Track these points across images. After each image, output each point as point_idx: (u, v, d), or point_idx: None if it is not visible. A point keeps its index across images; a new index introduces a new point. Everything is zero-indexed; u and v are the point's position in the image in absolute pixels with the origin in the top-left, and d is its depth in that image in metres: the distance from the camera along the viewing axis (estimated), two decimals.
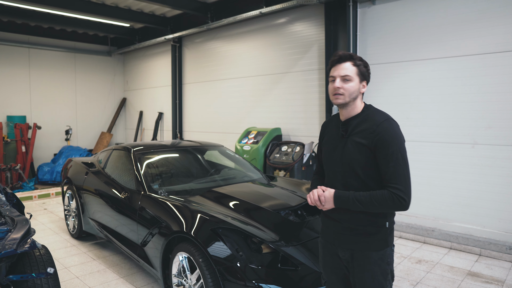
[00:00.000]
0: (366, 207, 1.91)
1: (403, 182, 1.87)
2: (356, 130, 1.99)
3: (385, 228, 1.99)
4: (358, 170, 1.95)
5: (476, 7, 4.80)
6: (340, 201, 1.95)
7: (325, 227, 2.17)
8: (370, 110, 2.04)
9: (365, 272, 1.98)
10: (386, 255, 2.00)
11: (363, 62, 2.02)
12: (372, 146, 1.91)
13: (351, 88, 1.96)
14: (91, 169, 4.96)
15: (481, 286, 3.86)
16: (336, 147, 2.06)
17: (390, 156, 1.88)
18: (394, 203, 1.86)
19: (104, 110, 11.44)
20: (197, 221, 3.04)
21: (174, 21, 9.11)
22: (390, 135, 1.90)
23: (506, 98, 4.64)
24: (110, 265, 4.33)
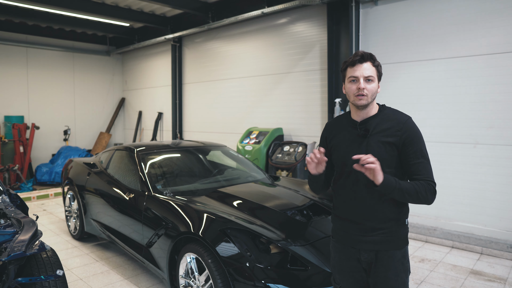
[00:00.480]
0: (405, 196, 1.87)
1: (432, 177, 1.94)
2: (377, 129, 1.99)
3: (405, 226, 2.04)
4: (384, 168, 1.89)
5: (478, 8, 4.82)
6: (388, 180, 1.84)
7: (342, 232, 2.11)
8: (388, 110, 2.07)
9: (390, 271, 1.98)
10: (407, 253, 2.05)
11: (379, 63, 2.03)
12: (400, 144, 1.95)
13: (373, 89, 1.96)
14: (93, 169, 4.94)
15: (484, 285, 3.88)
16: (357, 147, 2.00)
17: (420, 152, 1.94)
18: (432, 195, 1.91)
19: (102, 110, 11.39)
20: (205, 221, 3.03)
21: (174, 21, 9.09)
22: (417, 132, 1.97)
23: (507, 99, 4.66)
24: (113, 267, 4.31)
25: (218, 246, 2.79)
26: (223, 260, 2.72)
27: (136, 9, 8.52)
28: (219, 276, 2.72)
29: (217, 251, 2.76)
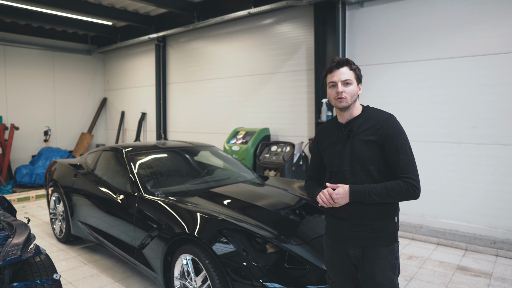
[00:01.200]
0: (382, 198, 1.99)
1: (414, 172, 1.99)
2: (361, 129, 2.08)
3: (394, 223, 2.09)
4: (368, 166, 2.04)
5: (463, 10, 4.96)
6: (356, 195, 2.01)
7: (333, 227, 2.20)
8: (371, 110, 2.16)
9: (375, 267, 2.03)
10: (395, 250, 2.09)
11: (357, 66, 2.14)
12: (381, 141, 2.02)
13: (352, 91, 2.07)
14: (79, 171, 4.84)
15: (471, 279, 4.00)
16: (342, 148, 2.12)
17: (400, 149, 2.00)
18: (409, 192, 1.97)
19: (84, 110, 11.15)
20: (200, 222, 3.02)
21: (158, 20, 8.99)
22: (397, 129, 2.03)
23: (490, 99, 4.81)
24: (103, 269, 4.24)
25: (215, 246, 2.78)
26: (221, 260, 2.71)
27: (120, 7, 8.39)
28: (217, 276, 2.71)
29: (214, 251, 2.75)
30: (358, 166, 2.06)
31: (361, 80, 2.14)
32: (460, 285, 3.86)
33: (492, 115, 4.82)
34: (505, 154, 4.75)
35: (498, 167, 4.81)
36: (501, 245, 4.71)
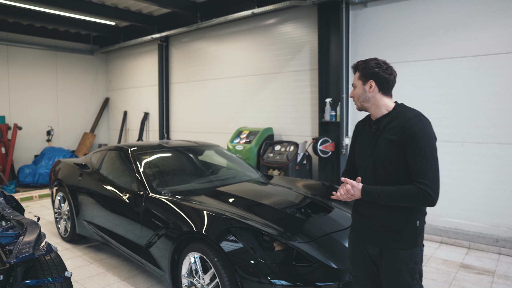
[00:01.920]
0: (392, 201, 1.96)
1: (430, 177, 1.90)
2: (387, 127, 2.06)
3: (415, 227, 2.03)
4: (389, 166, 2.02)
5: (465, 11, 4.99)
6: (366, 194, 2.02)
7: (355, 224, 2.23)
8: (401, 108, 2.10)
9: (392, 269, 2.02)
10: (415, 255, 2.02)
11: (364, 62, 2.12)
12: (402, 141, 1.97)
13: (356, 94, 2.14)
14: (85, 170, 4.86)
15: (474, 277, 4.03)
16: (368, 145, 2.13)
17: (419, 151, 1.92)
18: (420, 198, 1.90)
19: (86, 110, 11.18)
20: (208, 220, 3.05)
21: (161, 20, 9.01)
22: (419, 130, 1.94)
23: (492, 99, 4.84)
24: (109, 268, 4.26)
25: (223, 244, 2.81)
26: (229, 257, 2.74)
27: (123, 7, 8.41)
28: (225, 274, 2.74)
29: (223, 248, 2.77)
30: (379, 165, 2.06)
31: (369, 76, 2.07)
32: (463, 283, 3.89)
33: (494, 114, 4.85)
34: (508, 153, 4.78)
35: (500, 166, 4.83)
36: (504, 243, 4.73)
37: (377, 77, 2.07)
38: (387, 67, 2.09)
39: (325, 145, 5.84)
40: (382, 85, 2.09)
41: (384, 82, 2.08)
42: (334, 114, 5.97)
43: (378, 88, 2.09)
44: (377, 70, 2.06)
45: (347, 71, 5.91)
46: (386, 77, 2.07)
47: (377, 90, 2.09)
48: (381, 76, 2.07)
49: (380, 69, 2.07)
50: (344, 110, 5.87)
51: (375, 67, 2.07)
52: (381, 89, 2.09)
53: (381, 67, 2.08)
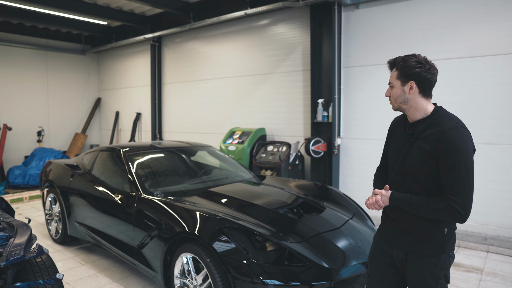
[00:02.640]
0: (419, 212, 1.91)
1: (462, 195, 1.81)
2: (422, 134, 1.94)
3: (442, 235, 1.95)
4: (419, 175, 1.94)
5: (455, 13, 5.05)
6: (395, 202, 1.97)
7: (383, 225, 2.19)
8: (440, 114, 1.94)
9: (415, 273, 1.99)
10: (441, 261, 1.95)
11: (404, 60, 1.95)
12: (435, 154, 1.86)
13: (394, 94, 1.99)
14: (76, 171, 4.83)
15: (463, 275, 4.09)
16: (401, 149, 2.04)
17: (453, 167, 1.81)
18: (449, 215, 1.83)
19: (78, 110, 11.10)
20: (200, 220, 3.05)
21: (153, 20, 8.99)
22: (455, 144, 1.81)
23: (481, 100, 4.91)
24: (100, 270, 4.24)
25: (216, 244, 2.81)
26: (221, 258, 2.75)
27: (115, 7, 8.37)
28: (218, 274, 2.74)
29: (215, 249, 2.78)
30: (410, 173, 1.97)
31: (410, 77, 1.91)
32: (453, 281, 3.93)
33: (483, 115, 4.92)
34: (496, 153, 4.85)
35: (489, 165, 4.91)
36: (492, 242, 4.81)
37: (418, 77, 1.91)
38: (429, 66, 1.92)
39: (317, 146, 5.87)
40: (423, 86, 1.92)
41: (425, 83, 1.92)
42: (326, 115, 6.00)
43: (419, 89, 1.93)
44: (418, 70, 1.90)
45: (339, 72, 5.95)
46: (428, 77, 1.91)
47: (418, 92, 1.93)
48: (423, 77, 1.90)
49: (422, 68, 1.90)
50: (336, 110, 5.91)
51: (417, 67, 1.90)
52: (422, 90, 1.93)
53: (423, 66, 1.91)
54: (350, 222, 3.49)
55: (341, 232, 3.26)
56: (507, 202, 4.84)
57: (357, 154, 5.99)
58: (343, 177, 6.13)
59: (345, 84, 6.01)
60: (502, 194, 4.86)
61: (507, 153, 4.80)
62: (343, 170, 6.12)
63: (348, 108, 6.02)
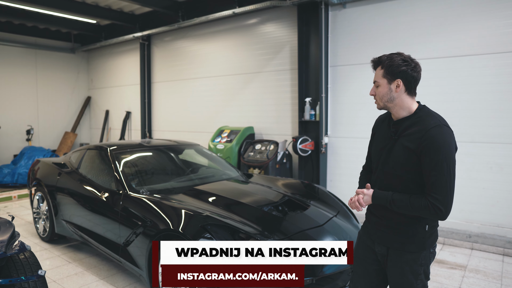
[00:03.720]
0: (401, 210, 1.94)
1: (443, 192, 1.84)
2: (406, 132, 1.96)
3: (423, 231, 1.97)
4: (401, 173, 1.96)
5: (440, 13, 5.13)
6: (377, 199, 2.01)
7: (367, 221, 2.23)
8: (423, 112, 1.97)
9: (396, 268, 2.03)
10: (421, 257, 1.98)
11: (390, 59, 1.95)
12: (418, 151, 1.88)
13: (380, 93, 1.99)
14: (63, 169, 4.83)
15: (447, 272, 4.16)
16: (384, 147, 2.06)
17: (434, 165, 1.83)
18: (430, 212, 1.86)
19: (67, 109, 11.05)
20: (184, 218, 3.08)
21: (143, 19, 8.97)
22: (438, 142, 1.83)
23: (465, 99, 5.00)
24: (87, 267, 4.25)
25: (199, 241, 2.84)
26: None
27: (104, 6, 8.35)
28: None
29: None
30: (392, 170, 2.00)
31: (397, 75, 1.92)
32: (436, 277, 4.01)
33: (467, 114, 5.00)
34: (480, 152, 4.94)
35: (473, 164, 4.99)
36: (476, 239, 4.89)
37: (405, 75, 1.92)
38: (415, 64, 1.94)
39: (305, 144, 5.92)
40: (409, 84, 1.94)
41: (412, 81, 1.94)
42: (313, 114, 6.06)
43: (405, 87, 1.95)
44: (405, 68, 1.91)
45: (326, 71, 6.00)
46: (414, 75, 1.93)
47: (404, 90, 1.95)
48: (410, 75, 1.92)
49: (409, 67, 1.92)
50: (323, 109, 5.96)
51: (403, 65, 1.91)
52: (408, 88, 1.95)
53: (409, 64, 1.92)
54: (334, 219, 3.54)
55: (324, 229, 3.31)
56: (491, 200, 4.93)
57: (344, 153, 6.06)
58: (331, 175, 6.19)
59: (332, 83, 6.07)
60: (486, 192, 4.95)
61: (491, 152, 4.89)
62: (331, 169, 6.18)
63: (335, 106, 6.08)
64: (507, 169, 4.79)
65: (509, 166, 4.78)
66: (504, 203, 4.84)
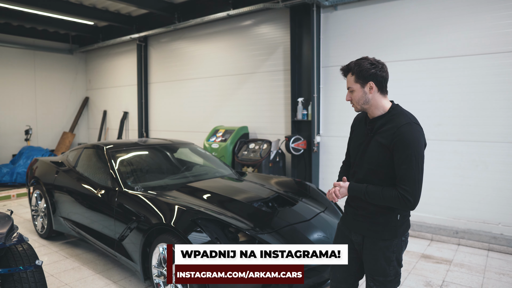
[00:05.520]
0: (374, 201, 2.10)
1: (411, 184, 1.98)
2: (380, 129, 2.11)
3: (395, 220, 2.14)
4: (376, 168, 2.11)
5: (428, 15, 5.27)
6: (353, 191, 2.17)
7: (345, 213, 2.39)
8: (396, 111, 2.12)
9: (370, 255, 2.19)
10: (393, 245, 2.14)
11: (358, 65, 2.09)
12: (391, 147, 2.03)
13: (355, 97, 2.14)
14: (61, 168, 4.95)
15: (432, 266, 4.30)
16: (361, 144, 2.22)
17: (404, 159, 1.98)
18: (400, 203, 2.01)
19: (65, 109, 11.17)
20: (176, 213, 3.21)
21: (139, 20, 9.10)
22: (408, 138, 1.99)
23: (454, 99, 5.13)
24: (84, 262, 4.38)
25: (190, 235, 2.98)
26: None
27: (101, 7, 8.48)
28: None
29: (189, 239, 2.94)
30: (367, 165, 2.15)
31: (368, 78, 2.06)
32: (422, 271, 4.14)
33: (453, 113, 5.14)
34: (466, 150, 5.08)
35: (460, 161, 5.13)
36: (463, 235, 5.03)
37: (375, 77, 2.07)
38: (381, 65, 2.09)
39: (297, 143, 6.06)
40: (380, 84, 2.10)
41: (382, 81, 2.09)
42: (306, 113, 6.19)
43: (378, 88, 2.10)
44: (374, 71, 2.06)
45: (318, 72, 6.13)
46: (383, 75, 2.09)
47: (377, 90, 2.10)
48: (379, 76, 2.08)
49: (377, 68, 2.06)
50: (315, 109, 6.10)
51: (371, 68, 2.06)
52: (380, 88, 2.11)
53: (376, 66, 2.07)
54: (321, 215, 3.67)
55: (311, 224, 3.44)
56: (477, 197, 5.06)
57: (335, 152, 6.19)
58: (323, 173, 6.33)
59: (324, 84, 6.21)
60: (472, 189, 5.09)
61: (477, 150, 5.02)
62: (323, 167, 6.31)
63: (327, 106, 6.22)
64: (492, 167, 4.93)
65: (494, 163, 4.92)
66: (489, 199, 4.97)
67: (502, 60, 4.81)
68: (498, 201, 4.92)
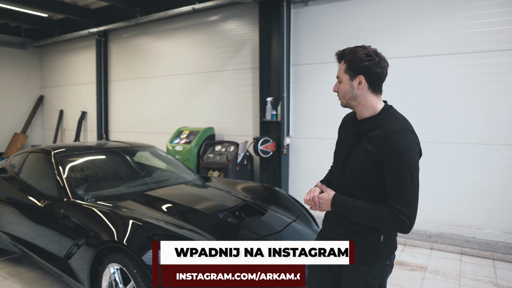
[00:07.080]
0: (361, 219, 1.77)
1: (407, 204, 1.68)
2: (368, 134, 1.79)
3: (378, 242, 1.83)
4: (359, 178, 1.80)
5: (404, 13, 5.12)
6: (337, 206, 1.82)
7: (322, 228, 2.07)
8: (388, 114, 1.80)
9: (349, 281, 1.88)
10: (375, 270, 1.84)
11: (353, 52, 1.78)
12: (379, 156, 1.72)
13: (342, 89, 1.83)
14: (2, 175, 4.41)
15: (407, 274, 4.13)
16: (345, 148, 1.90)
17: (397, 173, 1.67)
18: (394, 225, 1.69)
19: (17, 108, 10.37)
20: (130, 228, 2.82)
21: (99, 14, 8.53)
22: (400, 148, 1.67)
23: (425, 98, 5.01)
24: (26, 283, 3.88)
25: (145, 255, 2.60)
26: (149, 269, 2.53)
27: None
28: (145, 287, 2.53)
29: (143, 260, 2.57)
30: (349, 173, 1.83)
31: (359, 71, 1.75)
32: (397, 280, 3.95)
33: (427, 114, 5.02)
34: (440, 152, 4.97)
35: (433, 164, 5.01)
36: (436, 239, 4.91)
37: (367, 72, 1.75)
38: (379, 59, 1.77)
39: (266, 145, 5.76)
40: (373, 81, 1.78)
41: (375, 77, 1.77)
42: (275, 114, 5.92)
43: (368, 85, 1.78)
44: (368, 64, 1.74)
45: (288, 70, 5.88)
46: (378, 71, 1.76)
47: (367, 87, 1.78)
48: (373, 71, 1.76)
49: (372, 62, 1.75)
50: (285, 109, 5.83)
51: (366, 60, 1.74)
52: (371, 86, 1.78)
53: (373, 59, 1.75)
54: (292, 225, 3.38)
55: (282, 236, 3.15)
56: (449, 200, 4.96)
57: (306, 154, 5.95)
58: (293, 177, 6.07)
59: (294, 83, 5.95)
60: (445, 192, 4.98)
61: (450, 152, 4.92)
62: (293, 170, 6.06)
63: (297, 106, 5.97)
64: (465, 169, 4.83)
65: (467, 166, 4.82)
66: (461, 202, 4.88)
67: (473, 61, 4.73)
68: (470, 203, 4.84)
